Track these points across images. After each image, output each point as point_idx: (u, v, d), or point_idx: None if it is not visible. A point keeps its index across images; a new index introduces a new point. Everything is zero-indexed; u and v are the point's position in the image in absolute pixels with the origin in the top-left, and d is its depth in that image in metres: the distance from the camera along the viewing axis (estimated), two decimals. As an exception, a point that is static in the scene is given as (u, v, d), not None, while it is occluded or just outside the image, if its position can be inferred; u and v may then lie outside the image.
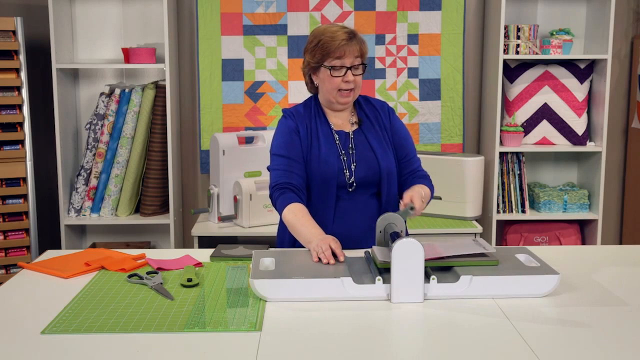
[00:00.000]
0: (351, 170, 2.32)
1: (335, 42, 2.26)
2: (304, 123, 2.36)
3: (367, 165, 2.33)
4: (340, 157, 2.33)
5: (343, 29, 2.30)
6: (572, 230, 3.84)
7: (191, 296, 1.89)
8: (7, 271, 3.46)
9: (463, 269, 1.90)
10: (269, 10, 3.76)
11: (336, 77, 2.28)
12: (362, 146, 2.36)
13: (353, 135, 2.37)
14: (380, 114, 2.42)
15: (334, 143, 2.34)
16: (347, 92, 2.31)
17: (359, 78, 2.31)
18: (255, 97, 3.82)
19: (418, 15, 3.81)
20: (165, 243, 3.89)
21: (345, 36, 2.27)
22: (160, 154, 3.66)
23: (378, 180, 2.33)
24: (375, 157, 2.34)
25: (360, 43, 2.30)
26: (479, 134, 3.98)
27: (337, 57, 2.27)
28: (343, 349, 1.56)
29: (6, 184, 3.43)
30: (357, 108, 2.42)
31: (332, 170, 2.30)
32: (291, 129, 2.34)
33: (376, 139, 2.37)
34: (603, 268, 2.16)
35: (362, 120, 2.40)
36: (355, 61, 2.28)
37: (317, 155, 2.32)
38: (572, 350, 1.55)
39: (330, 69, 2.28)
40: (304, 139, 2.33)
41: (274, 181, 2.30)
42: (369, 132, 2.38)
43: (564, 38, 3.71)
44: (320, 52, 2.29)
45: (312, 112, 2.39)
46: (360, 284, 1.85)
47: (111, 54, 3.80)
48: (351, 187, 2.32)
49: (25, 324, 1.70)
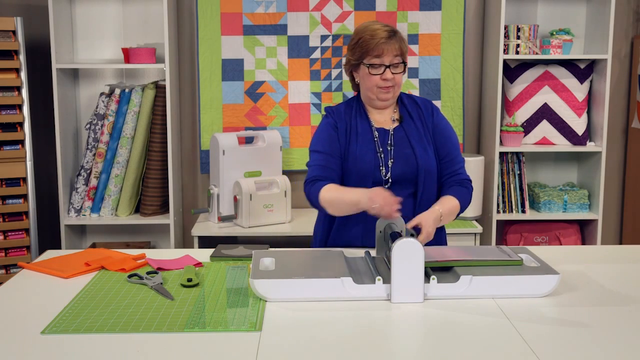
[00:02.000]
0: (388, 166, 2.32)
1: (375, 40, 2.26)
2: (344, 120, 2.37)
3: (404, 162, 2.32)
4: (378, 154, 2.33)
5: (384, 27, 2.30)
6: (572, 230, 3.84)
7: (191, 296, 1.89)
8: (7, 271, 3.45)
9: (463, 269, 1.90)
10: (269, 10, 3.76)
11: (374, 75, 2.29)
12: (402, 143, 2.35)
13: (393, 132, 2.37)
14: (423, 111, 2.41)
15: (372, 140, 2.34)
16: (387, 89, 2.31)
17: (398, 76, 2.31)
18: (255, 97, 3.82)
19: (418, 15, 3.81)
20: (165, 243, 3.89)
21: (385, 34, 2.27)
22: (160, 154, 3.66)
23: (415, 178, 2.32)
24: (414, 155, 2.33)
25: (400, 41, 2.30)
26: (479, 134, 3.98)
27: (375, 56, 2.28)
28: (343, 349, 1.56)
29: (6, 184, 3.43)
30: (400, 105, 2.42)
31: (368, 167, 2.30)
32: (330, 125, 2.37)
33: (416, 136, 2.36)
34: (603, 268, 2.16)
35: (403, 117, 2.39)
36: (394, 60, 2.28)
37: (354, 152, 2.32)
38: (572, 350, 1.55)
39: (369, 67, 2.29)
40: (342, 136, 2.34)
41: (308, 177, 2.31)
42: (410, 130, 2.37)
43: (564, 38, 3.71)
44: (360, 50, 2.30)
45: (353, 110, 2.40)
46: (360, 284, 1.85)
47: (111, 54, 3.80)
48: (387, 183, 2.31)
49: (25, 324, 1.70)
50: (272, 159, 3.61)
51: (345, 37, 3.79)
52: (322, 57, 3.80)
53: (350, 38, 2.36)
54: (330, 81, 3.82)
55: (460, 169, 2.39)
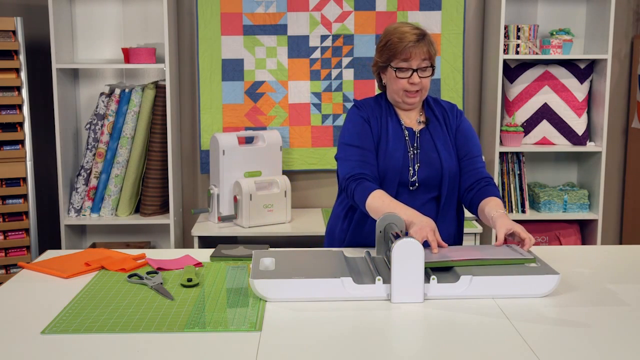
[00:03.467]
0: (415, 169, 2.30)
1: (403, 43, 2.23)
2: (375, 115, 2.34)
3: (429, 165, 2.30)
4: (408, 153, 2.31)
5: (414, 29, 2.26)
6: (572, 230, 3.84)
7: (191, 296, 1.89)
8: (7, 271, 3.46)
9: (463, 269, 1.90)
10: (269, 10, 3.76)
11: (402, 78, 2.26)
12: (428, 146, 2.33)
13: (419, 135, 2.34)
14: (449, 115, 2.39)
15: (403, 138, 2.32)
16: (414, 94, 2.28)
17: (425, 80, 2.28)
18: (255, 97, 3.82)
19: (418, 15, 3.81)
20: (165, 243, 3.89)
21: (413, 37, 2.24)
22: (160, 154, 3.66)
23: (439, 183, 2.30)
24: (439, 159, 2.30)
25: (428, 45, 2.26)
26: (479, 134, 3.98)
27: (403, 59, 2.25)
28: (343, 349, 1.56)
29: (6, 184, 3.43)
30: (426, 107, 2.40)
31: (397, 166, 2.28)
32: (363, 119, 2.33)
33: (442, 139, 2.34)
34: (603, 268, 2.16)
35: (430, 119, 2.37)
36: (422, 63, 2.26)
37: (384, 149, 2.30)
38: (572, 350, 1.55)
39: (396, 70, 2.26)
40: (374, 130, 2.32)
41: (347, 172, 2.26)
42: (435, 133, 2.35)
43: (564, 38, 3.71)
44: (388, 52, 2.27)
45: (382, 107, 2.37)
46: (360, 284, 1.85)
47: (111, 54, 3.80)
48: (413, 185, 2.29)
49: (25, 324, 1.70)
50: (272, 159, 3.61)
51: (345, 37, 3.79)
52: (322, 57, 3.80)
53: (379, 39, 2.34)
54: (330, 81, 3.82)
55: (481, 167, 2.36)
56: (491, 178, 2.35)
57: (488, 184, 2.31)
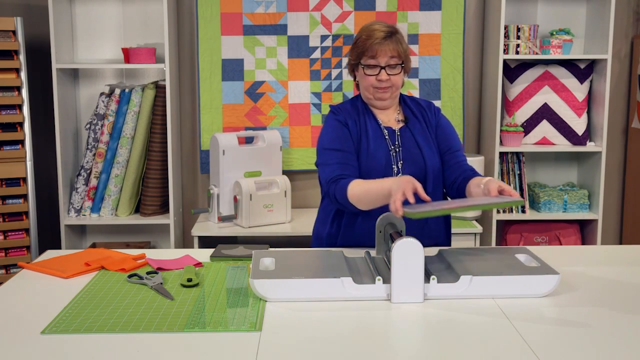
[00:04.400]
0: (398, 167, 2.31)
1: (370, 40, 2.26)
2: (352, 118, 2.35)
3: (413, 163, 2.31)
4: (390, 152, 2.32)
5: (384, 27, 2.28)
6: (572, 230, 3.84)
7: (191, 296, 1.89)
8: (7, 271, 3.45)
9: (464, 269, 1.90)
10: (269, 10, 3.76)
11: (370, 75, 2.29)
12: (409, 143, 2.34)
13: (400, 133, 2.35)
14: (427, 111, 2.40)
15: (383, 138, 2.33)
16: (383, 89, 2.30)
17: (395, 77, 2.29)
18: (255, 97, 3.82)
19: (418, 15, 3.81)
20: (165, 243, 3.89)
21: (381, 35, 2.26)
22: (160, 154, 3.66)
23: (424, 179, 2.30)
24: (422, 155, 2.32)
25: (397, 43, 2.28)
26: (479, 134, 3.98)
27: (371, 56, 2.27)
28: (343, 349, 1.56)
29: (6, 184, 3.43)
30: (403, 106, 2.41)
31: (380, 164, 2.29)
32: (341, 122, 2.34)
33: (422, 136, 2.35)
34: (603, 268, 2.16)
35: (408, 117, 2.38)
36: (390, 61, 2.27)
37: (365, 149, 2.31)
38: (572, 350, 1.55)
39: (365, 67, 2.29)
40: (353, 132, 2.32)
41: (328, 176, 2.26)
42: (415, 130, 2.36)
43: (564, 38, 3.71)
44: (357, 50, 2.31)
45: (359, 108, 2.38)
46: (360, 284, 1.85)
47: (111, 54, 3.80)
48: None
49: (25, 324, 1.70)
50: (272, 159, 3.61)
51: (345, 37, 3.79)
52: (322, 57, 3.80)
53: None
54: (330, 81, 3.82)
55: (464, 161, 2.37)
56: (474, 169, 2.36)
57: (473, 173, 2.32)
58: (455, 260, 2.00)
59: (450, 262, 1.98)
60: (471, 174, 2.31)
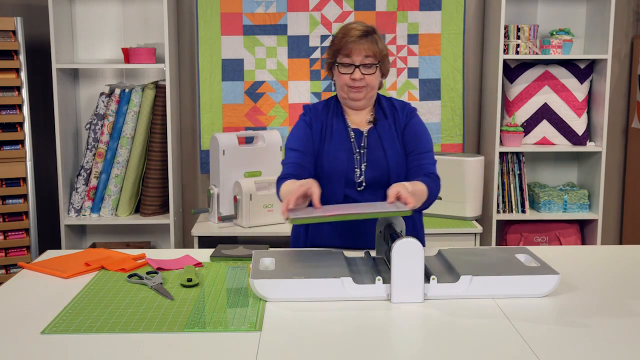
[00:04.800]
0: (361, 169, 2.30)
1: (345, 39, 2.25)
2: (320, 119, 2.35)
3: (376, 165, 2.30)
4: (354, 155, 2.31)
5: (360, 27, 2.28)
6: (572, 230, 3.84)
7: (191, 296, 1.89)
8: (7, 271, 3.46)
9: (463, 269, 1.90)
10: (269, 10, 3.76)
11: (344, 74, 2.28)
12: (375, 145, 2.33)
13: (367, 134, 2.34)
14: (400, 114, 2.38)
15: (348, 140, 2.33)
16: (357, 89, 2.29)
17: (370, 77, 2.28)
18: (255, 97, 3.82)
19: (418, 15, 3.81)
20: (165, 243, 3.89)
21: (357, 34, 2.25)
22: (160, 154, 3.66)
23: (387, 183, 2.28)
24: (386, 158, 2.30)
25: (374, 42, 2.27)
26: (479, 134, 3.98)
27: (345, 55, 2.27)
28: (343, 349, 1.56)
29: (6, 184, 3.43)
30: (377, 107, 2.40)
31: (341, 167, 2.28)
32: (305, 123, 2.35)
33: (389, 138, 2.33)
34: (603, 268, 2.16)
35: (378, 119, 2.36)
36: (365, 60, 2.26)
37: (327, 151, 2.31)
38: (572, 350, 1.55)
39: (339, 65, 2.28)
40: (316, 134, 2.33)
41: (281, 174, 2.30)
42: (383, 132, 2.34)
43: (564, 38, 3.71)
44: (333, 48, 2.31)
45: (330, 109, 2.38)
46: (360, 284, 1.85)
47: (111, 54, 3.80)
48: (360, 186, 2.30)
49: (25, 324, 1.70)
50: (272, 159, 3.61)
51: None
52: (322, 57, 3.80)
53: None
54: (330, 81, 3.82)
55: (427, 164, 2.32)
56: (434, 174, 2.31)
57: (426, 176, 2.28)
58: (455, 260, 2.00)
59: (450, 262, 1.98)
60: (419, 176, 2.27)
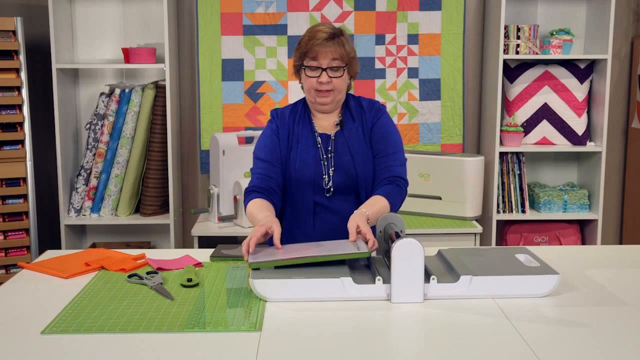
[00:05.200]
0: (329, 175, 2.26)
1: (312, 41, 2.20)
2: (286, 125, 2.31)
3: (344, 171, 2.26)
4: (321, 161, 2.27)
5: (327, 28, 2.23)
6: (572, 230, 3.84)
7: (191, 296, 1.89)
8: (7, 271, 3.46)
9: (463, 269, 1.90)
10: (269, 10, 3.76)
11: (311, 77, 2.23)
12: (342, 150, 2.28)
13: (334, 138, 2.30)
14: (367, 114, 2.31)
15: (315, 146, 2.28)
16: (325, 93, 2.24)
17: (337, 80, 2.23)
18: (255, 97, 3.82)
19: (418, 15, 3.81)
20: (165, 243, 3.89)
21: (324, 36, 2.20)
22: (160, 154, 3.66)
23: (356, 187, 2.26)
24: (353, 162, 2.26)
25: (340, 44, 2.22)
26: (479, 134, 3.98)
27: (312, 58, 2.22)
28: (343, 349, 1.56)
29: (6, 184, 3.43)
30: (344, 109, 2.34)
31: (309, 175, 2.25)
32: (272, 131, 2.32)
33: (357, 142, 2.28)
34: (603, 268, 2.16)
35: (344, 122, 2.31)
36: (332, 63, 2.21)
37: (295, 159, 2.27)
38: (572, 350, 1.55)
39: (306, 69, 2.23)
40: (283, 142, 2.29)
41: (249, 185, 2.27)
42: (351, 136, 2.29)
43: (564, 38, 3.71)
44: (299, 51, 2.25)
45: (298, 113, 2.33)
46: (360, 284, 1.85)
47: (111, 54, 3.80)
48: (328, 192, 2.27)
49: (25, 324, 1.70)
50: (272, 159, 3.61)
51: (345, 37, 3.79)
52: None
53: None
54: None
55: (393, 166, 2.27)
56: (399, 177, 2.27)
57: (390, 183, 2.24)
58: (455, 260, 2.00)
59: (450, 262, 1.98)
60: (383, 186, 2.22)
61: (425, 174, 3.63)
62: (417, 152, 3.70)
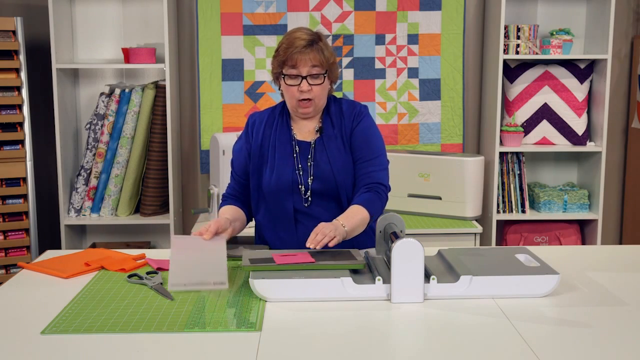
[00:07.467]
0: (307, 183, 2.22)
1: (290, 49, 2.14)
2: (261, 131, 2.27)
3: (324, 179, 2.21)
4: (296, 171, 2.23)
5: (305, 34, 2.16)
6: (572, 230, 3.84)
7: (191, 296, 1.89)
8: (7, 271, 3.46)
9: (463, 269, 1.90)
10: (269, 10, 3.76)
11: (291, 85, 2.18)
12: (321, 158, 2.23)
13: (314, 145, 2.25)
14: (346, 120, 2.25)
15: (292, 155, 2.24)
16: (306, 103, 2.19)
17: (317, 88, 2.17)
18: (255, 97, 3.82)
19: (418, 15, 3.81)
20: (165, 243, 3.89)
21: (303, 43, 2.14)
22: (160, 154, 3.66)
23: (336, 194, 2.23)
24: (332, 171, 2.21)
25: (319, 51, 2.15)
26: (479, 134, 3.98)
27: (291, 66, 2.15)
28: (343, 349, 1.56)
29: (6, 184, 3.43)
30: (324, 115, 2.28)
31: (286, 184, 2.21)
32: (243, 141, 2.32)
33: (336, 149, 2.23)
34: (603, 268, 2.16)
35: (324, 128, 2.25)
36: (312, 70, 2.15)
37: (271, 166, 2.24)
38: (572, 350, 1.55)
39: (285, 77, 2.18)
40: (255, 148, 2.27)
41: (225, 192, 2.37)
42: (330, 142, 2.24)
43: (564, 38, 3.71)
44: (278, 59, 2.19)
45: (276, 119, 2.29)
46: (360, 284, 1.85)
47: (111, 54, 3.80)
48: (307, 202, 2.23)
49: (25, 324, 1.70)
50: (272, 159, 3.61)
51: (345, 37, 3.79)
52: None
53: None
54: (330, 81, 3.82)
55: (374, 171, 2.22)
56: (378, 183, 2.21)
57: (368, 190, 2.19)
58: (455, 260, 2.00)
59: (450, 262, 1.98)
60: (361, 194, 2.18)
61: (425, 174, 3.63)
62: (417, 152, 3.70)
